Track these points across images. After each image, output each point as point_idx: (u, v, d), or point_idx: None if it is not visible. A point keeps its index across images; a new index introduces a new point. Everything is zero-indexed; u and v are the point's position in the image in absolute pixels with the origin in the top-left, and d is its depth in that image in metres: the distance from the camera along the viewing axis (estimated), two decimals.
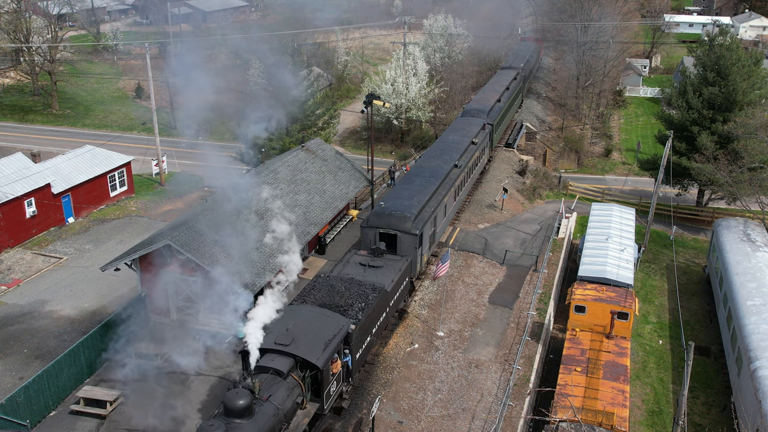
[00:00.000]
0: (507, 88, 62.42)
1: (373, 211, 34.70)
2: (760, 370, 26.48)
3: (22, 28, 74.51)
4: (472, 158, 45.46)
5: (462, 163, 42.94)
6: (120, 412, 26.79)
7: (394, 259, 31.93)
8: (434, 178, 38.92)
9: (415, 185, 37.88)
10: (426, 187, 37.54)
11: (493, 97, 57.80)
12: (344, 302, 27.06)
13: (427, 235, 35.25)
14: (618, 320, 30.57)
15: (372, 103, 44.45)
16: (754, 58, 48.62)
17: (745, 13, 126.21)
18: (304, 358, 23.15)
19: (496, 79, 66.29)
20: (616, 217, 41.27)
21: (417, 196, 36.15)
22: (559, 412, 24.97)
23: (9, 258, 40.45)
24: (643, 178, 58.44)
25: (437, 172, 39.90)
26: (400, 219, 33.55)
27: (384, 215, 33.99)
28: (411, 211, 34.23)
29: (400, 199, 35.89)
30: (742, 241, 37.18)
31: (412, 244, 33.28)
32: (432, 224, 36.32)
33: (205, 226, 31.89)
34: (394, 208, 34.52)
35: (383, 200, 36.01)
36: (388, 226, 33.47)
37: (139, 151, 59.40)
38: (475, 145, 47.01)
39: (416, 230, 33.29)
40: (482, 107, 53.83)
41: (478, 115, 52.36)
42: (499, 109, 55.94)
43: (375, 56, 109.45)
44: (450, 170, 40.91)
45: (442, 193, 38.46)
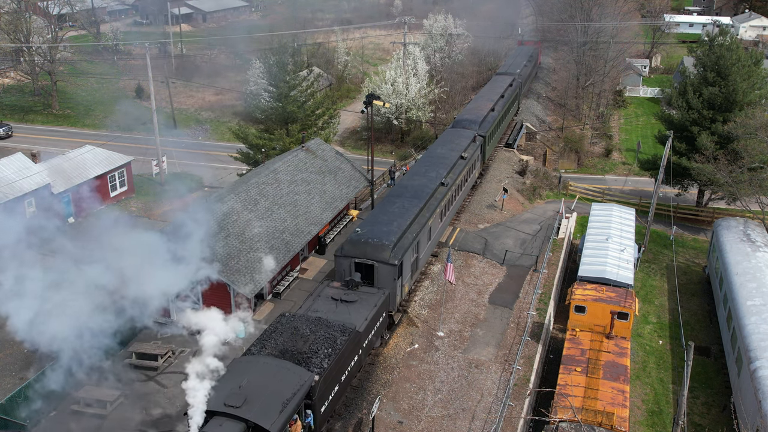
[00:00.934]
0: (502, 96, 59.41)
1: (349, 239, 31.79)
2: (760, 370, 26.49)
3: (22, 28, 74.51)
4: (460, 174, 42.36)
5: (449, 180, 40.03)
6: (120, 412, 26.81)
7: (370, 293, 29.14)
8: (417, 199, 35.88)
9: (396, 207, 34.77)
10: (408, 210, 34.53)
11: (486, 106, 54.65)
12: (308, 348, 24.16)
13: (408, 263, 32.29)
14: (618, 320, 30.57)
15: (372, 103, 44.43)
16: (754, 58, 48.64)
17: (745, 13, 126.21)
18: (257, 423, 20.24)
19: (490, 86, 63.32)
20: (616, 217, 41.28)
21: (398, 221, 33.14)
22: (559, 412, 24.98)
23: None
24: (643, 178, 58.44)
25: (421, 191, 36.92)
26: (378, 247, 30.68)
27: (360, 243, 31.02)
28: (390, 238, 31.31)
29: (379, 224, 32.78)
30: (742, 241, 37.18)
31: (390, 275, 30.42)
32: (414, 251, 33.35)
33: None
34: (371, 234, 31.49)
35: (360, 225, 32.96)
36: (364, 256, 30.52)
37: (139, 151, 59.43)
38: (464, 160, 43.85)
39: (395, 260, 30.42)
40: (474, 117, 50.76)
41: (470, 126, 49.15)
42: (492, 119, 52.83)
43: (375, 56, 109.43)
44: (436, 189, 38.04)
45: (426, 216, 35.44)
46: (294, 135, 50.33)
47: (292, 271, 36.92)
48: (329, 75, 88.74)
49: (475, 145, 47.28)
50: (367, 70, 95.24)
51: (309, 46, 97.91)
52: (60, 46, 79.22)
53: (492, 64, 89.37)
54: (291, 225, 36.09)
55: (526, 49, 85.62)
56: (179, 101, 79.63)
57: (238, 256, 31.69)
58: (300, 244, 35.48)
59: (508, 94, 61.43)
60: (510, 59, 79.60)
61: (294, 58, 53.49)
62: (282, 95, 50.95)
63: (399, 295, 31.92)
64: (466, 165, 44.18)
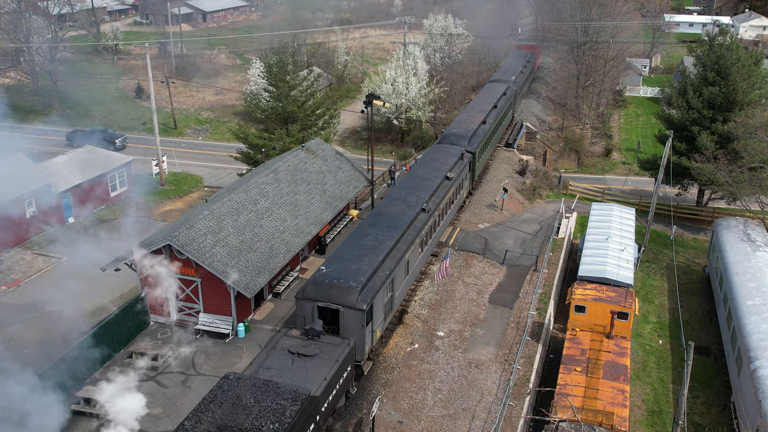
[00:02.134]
0: (494, 107, 55.90)
1: (311, 279, 28.16)
2: (760, 369, 26.48)
3: (22, 28, 74.53)
4: (444, 198, 38.75)
5: (431, 205, 36.42)
6: None
7: (333, 344, 25.54)
8: (394, 229, 32.22)
9: (368, 239, 31.14)
10: (382, 243, 30.86)
11: (477, 118, 50.92)
12: (250, 424, 20.42)
13: (380, 305, 28.85)
14: (618, 320, 30.58)
15: (372, 103, 44.43)
16: (754, 58, 48.63)
17: (745, 13, 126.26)
18: None
19: (482, 96, 59.48)
20: (616, 216, 41.28)
21: (369, 256, 29.58)
22: (559, 412, 24.98)
23: (9, 258, 40.46)
24: (643, 178, 58.45)
25: (398, 220, 33.30)
26: (344, 290, 27.15)
27: (324, 285, 27.45)
28: (358, 278, 27.71)
29: (347, 261, 29.08)
30: (742, 241, 37.19)
31: (357, 322, 27.01)
32: (388, 289, 30.07)
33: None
34: (337, 274, 27.90)
35: (326, 261, 29.32)
36: (328, 299, 27.09)
37: (139, 151, 59.47)
38: (449, 181, 40.23)
39: (363, 304, 26.85)
40: (462, 132, 47.15)
41: (458, 142, 45.71)
42: (483, 133, 49.10)
43: (375, 56, 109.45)
44: (415, 216, 34.43)
45: (402, 248, 31.79)
46: (294, 135, 50.33)
47: (292, 271, 36.93)
48: (329, 75, 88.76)
49: (463, 163, 43.56)
50: (367, 70, 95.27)
51: (309, 45, 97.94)
52: (60, 46, 79.23)
53: (492, 64, 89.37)
54: (291, 225, 36.10)
55: (523, 54, 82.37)
56: (179, 101, 79.65)
57: (238, 256, 31.70)
58: (300, 244, 35.49)
59: (502, 103, 58.27)
60: (505, 65, 76.45)
61: (294, 57, 53.49)
62: (282, 95, 50.96)
63: (369, 343, 28.17)
64: (452, 186, 40.54)
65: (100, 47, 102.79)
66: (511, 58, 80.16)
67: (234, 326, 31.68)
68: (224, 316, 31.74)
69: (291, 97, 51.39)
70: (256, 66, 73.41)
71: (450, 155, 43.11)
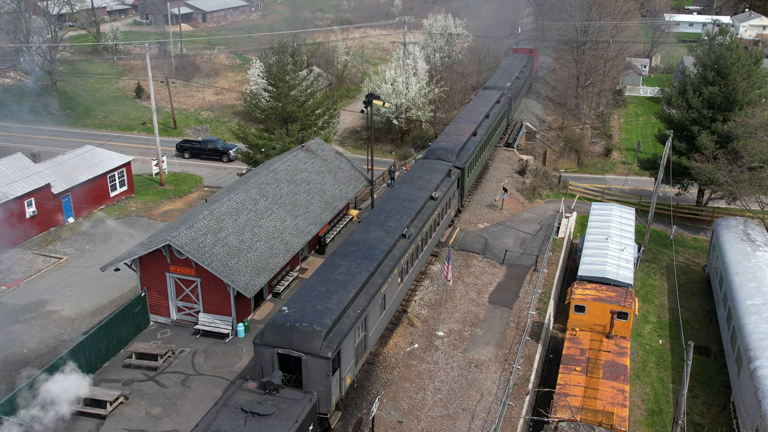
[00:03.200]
0: (486, 116, 52.53)
1: (271, 321, 24.83)
2: (760, 369, 26.48)
3: (22, 28, 74.54)
4: (429, 220, 35.50)
5: (413, 230, 33.19)
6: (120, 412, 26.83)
7: (293, 400, 22.50)
8: (369, 260, 28.96)
9: (339, 273, 27.82)
10: (354, 276, 27.66)
11: (467, 130, 47.67)
12: None
13: (349, 349, 25.64)
14: (618, 320, 30.58)
15: (372, 102, 44.42)
16: (753, 58, 48.63)
17: (745, 13, 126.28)
18: None
19: (474, 105, 56.04)
20: (615, 216, 41.27)
21: (339, 293, 26.30)
22: (559, 412, 24.98)
23: (9, 258, 40.47)
24: (643, 178, 58.46)
25: (374, 249, 30.00)
26: (307, 335, 23.88)
27: (285, 329, 24.16)
28: (324, 320, 24.50)
29: (313, 299, 25.83)
30: (742, 241, 37.19)
31: (322, 371, 23.84)
32: (360, 329, 27.04)
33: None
34: (300, 316, 24.65)
35: (289, 301, 25.93)
36: (288, 345, 23.85)
37: (139, 151, 59.48)
38: (434, 201, 36.98)
39: (329, 351, 23.62)
40: (450, 146, 43.96)
41: (445, 157, 42.69)
42: (473, 146, 45.86)
43: (375, 56, 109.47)
44: (395, 244, 31.23)
45: (377, 282, 28.53)
46: (294, 135, 50.33)
47: (291, 271, 36.92)
48: (329, 75, 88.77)
49: (450, 180, 40.54)
50: (366, 70, 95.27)
51: (309, 45, 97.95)
52: (60, 46, 79.23)
53: (492, 64, 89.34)
54: (291, 225, 36.09)
55: (520, 58, 78.88)
56: (179, 101, 79.67)
57: (238, 256, 31.70)
58: (300, 244, 35.48)
59: (495, 113, 54.83)
60: (500, 71, 72.41)
61: (294, 57, 53.47)
62: (282, 95, 50.96)
63: (336, 393, 25.05)
64: (438, 206, 37.32)
65: (100, 47, 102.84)
66: (507, 63, 76.92)
67: (234, 326, 31.68)
68: (224, 316, 31.75)
69: (291, 96, 51.38)
70: (255, 66, 73.43)
71: (436, 172, 40.11)
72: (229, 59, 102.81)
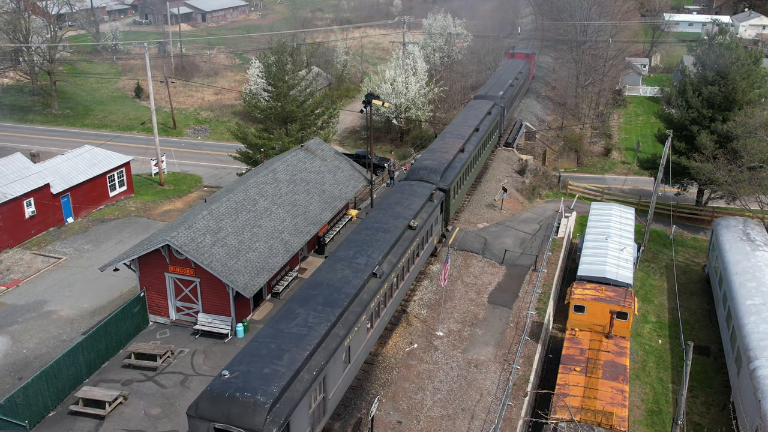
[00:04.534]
0: (476, 129, 48.74)
1: (208, 389, 21.02)
2: (760, 369, 26.46)
3: (22, 28, 74.53)
4: (405, 254, 31.54)
5: (386, 268, 29.35)
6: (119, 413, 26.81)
7: None
8: (331, 308, 25.07)
9: (295, 325, 23.83)
10: (313, 328, 23.69)
11: (454, 146, 43.86)
12: None
13: (302, 420, 21.86)
14: (617, 320, 30.55)
15: (371, 102, 44.38)
16: (753, 57, 48.62)
17: (745, 12, 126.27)
18: None
19: (463, 117, 51.77)
20: (615, 216, 41.24)
21: (292, 351, 22.48)
22: (558, 412, 24.96)
23: (8, 258, 40.45)
24: (643, 178, 58.45)
25: (339, 293, 26.12)
26: (248, 407, 20.20)
27: (223, 399, 20.49)
28: (270, 388, 20.73)
29: (261, 360, 21.98)
30: (742, 241, 37.16)
31: None
32: (318, 392, 23.36)
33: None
34: (242, 383, 20.87)
35: (232, 363, 22.04)
36: (227, 420, 20.24)
37: (138, 151, 59.45)
38: (413, 231, 33.09)
39: (274, 426, 20.04)
40: (435, 165, 40.20)
41: (428, 178, 39.00)
42: (460, 164, 42.46)
43: (374, 56, 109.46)
44: (363, 284, 27.36)
45: (340, 333, 24.51)
46: (293, 134, 50.30)
47: (291, 271, 36.90)
48: (328, 74, 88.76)
49: (433, 205, 36.77)
50: (366, 70, 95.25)
51: (308, 45, 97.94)
52: (59, 46, 79.22)
53: (491, 63, 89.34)
54: (290, 224, 36.07)
55: (515, 63, 74.62)
56: (178, 101, 79.65)
57: (237, 256, 31.67)
58: (299, 244, 35.46)
59: (486, 125, 50.86)
60: (493, 78, 67.99)
61: (293, 57, 53.42)
62: (281, 95, 50.93)
63: None
64: (417, 236, 33.43)
65: (100, 47, 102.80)
66: (502, 69, 72.48)
67: (233, 326, 31.66)
68: (223, 316, 31.73)
69: (290, 96, 51.36)
70: (255, 66, 73.42)
71: (417, 196, 36.24)
72: (229, 59, 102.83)
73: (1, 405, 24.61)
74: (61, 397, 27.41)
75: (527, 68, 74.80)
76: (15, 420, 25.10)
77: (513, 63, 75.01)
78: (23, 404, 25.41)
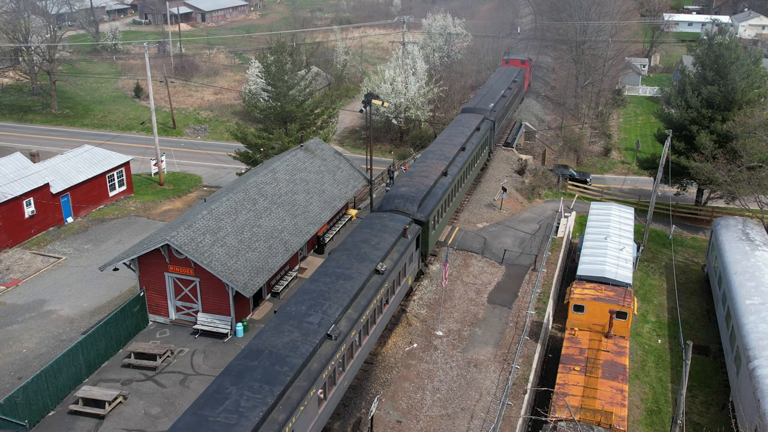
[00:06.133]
0: (462, 149, 43.86)
1: None
2: (759, 369, 26.49)
3: (21, 28, 74.53)
4: (369, 307, 26.82)
5: (344, 326, 24.59)
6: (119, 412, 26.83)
7: None
8: (271, 384, 20.54)
9: (223, 411, 19.39)
10: (245, 415, 19.28)
11: (436, 169, 39.13)
12: None
13: None
14: (617, 319, 30.57)
15: (371, 102, 44.39)
16: (753, 57, 48.68)
17: (745, 12, 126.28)
18: None
19: (448, 134, 46.51)
20: (615, 216, 41.27)
21: None
22: (558, 412, 24.98)
23: (8, 258, 40.44)
24: (642, 177, 58.48)
25: (283, 363, 21.57)
26: None
27: None
28: None
29: None
30: (741, 240, 37.19)
31: None
32: None
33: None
34: None
35: None
36: None
37: (138, 150, 59.46)
38: (380, 276, 28.36)
39: None
40: (412, 192, 35.47)
41: (403, 208, 34.21)
42: (442, 189, 37.75)
43: (374, 55, 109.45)
44: (315, 349, 22.81)
45: (280, 419, 19.96)
46: (293, 134, 50.32)
47: (290, 271, 36.91)
48: (328, 74, 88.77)
49: (406, 241, 31.85)
50: (366, 70, 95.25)
51: (308, 45, 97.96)
52: (59, 46, 79.22)
53: (491, 63, 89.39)
54: (290, 224, 36.08)
55: (509, 71, 69.25)
56: (178, 101, 79.64)
57: (237, 256, 31.68)
58: (299, 244, 35.47)
59: (473, 143, 46.30)
60: (484, 88, 62.51)
61: (292, 57, 53.44)
62: (280, 94, 50.94)
63: None
64: (385, 281, 28.67)
65: (99, 47, 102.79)
66: (494, 78, 67.01)
67: (233, 326, 31.67)
68: (223, 316, 31.74)
69: (289, 96, 51.37)
70: (254, 65, 73.44)
71: (388, 232, 31.34)
72: (228, 59, 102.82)
73: (1, 404, 24.62)
74: (60, 397, 27.41)
75: (522, 76, 69.92)
76: (15, 419, 25.11)
77: (507, 71, 69.84)
78: (23, 404, 25.41)
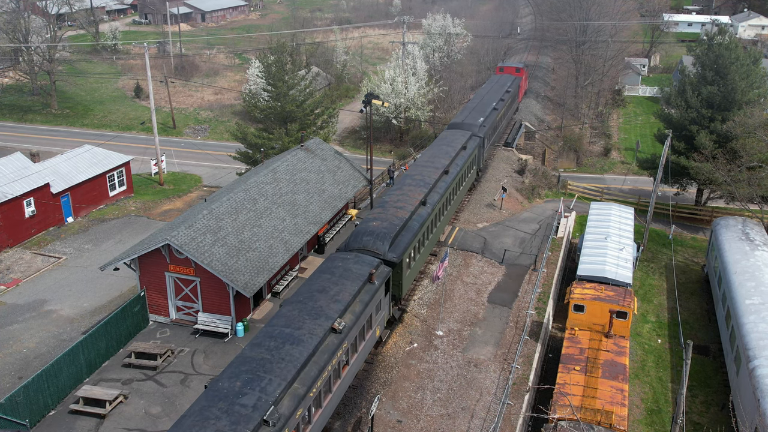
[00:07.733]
0: (445, 172, 38.83)
1: None
2: (759, 368, 26.52)
3: (21, 28, 74.53)
4: (321, 376, 22.13)
5: (285, 408, 19.84)
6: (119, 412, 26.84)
7: None
8: None
9: None
10: None
11: (414, 197, 34.43)
12: None
13: None
14: (617, 319, 30.60)
15: (371, 102, 44.42)
16: (752, 57, 48.70)
17: (744, 12, 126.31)
18: None
19: (431, 155, 41.23)
20: (615, 216, 41.29)
21: None
22: (558, 411, 25.00)
23: (8, 258, 40.46)
24: (642, 177, 58.50)
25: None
26: None
27: None
28: None
29: None
30: (741, 240, 37.22)
31: None
32: None
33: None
34: None
35: None
36: None
37: (138, 150, 59.49)
38: (338, 336, 23.70)
39: None
40: (383, 228, 30.75)
41: (372, 247, 29.69)
42: (419, 222, 32.97)
43: (374, 56, 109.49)
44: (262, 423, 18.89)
45: None
46: (293, 134, 50.34)
47: (291, 270, 36.93)
48: (328, 74, 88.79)
49: (373, 288, 27.14)
50: (366, 70, 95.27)
51: (308, 45, 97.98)
52: (59, 46, 79.23)
53: (491, 63, 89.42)
54: (290, 224, 36.10)
55: (503, 80, 63.82)
56: (178, 101, 79.65)
57: (237, 255, 31.70)
58: (299, 244, 35.48)
59: (459, 164, 41.23)
60: (474, 100, 56.67)
61: (292, 57, 53.48)
62: (281, 94, 50.97)
63: None
64: (343, 342, 23.94)
65: (99, 47, 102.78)
66: (486, 88, 61.37)
67: (233, 326, 31.68)
68: (223, 316, 31.75)
69: (289, 96, 51.39)
70: (255, 65, 73.47)
71: (351, 278, 26.70)
72: (228, 59, 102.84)
73: (2, 404, 24.63)
74: (61, 396, 27.43)
75: (516, 85, 64.10)
76: (15, 419, 25.12)
77: (500, 79, 64.25)
78: (24, 403, 25.42)
